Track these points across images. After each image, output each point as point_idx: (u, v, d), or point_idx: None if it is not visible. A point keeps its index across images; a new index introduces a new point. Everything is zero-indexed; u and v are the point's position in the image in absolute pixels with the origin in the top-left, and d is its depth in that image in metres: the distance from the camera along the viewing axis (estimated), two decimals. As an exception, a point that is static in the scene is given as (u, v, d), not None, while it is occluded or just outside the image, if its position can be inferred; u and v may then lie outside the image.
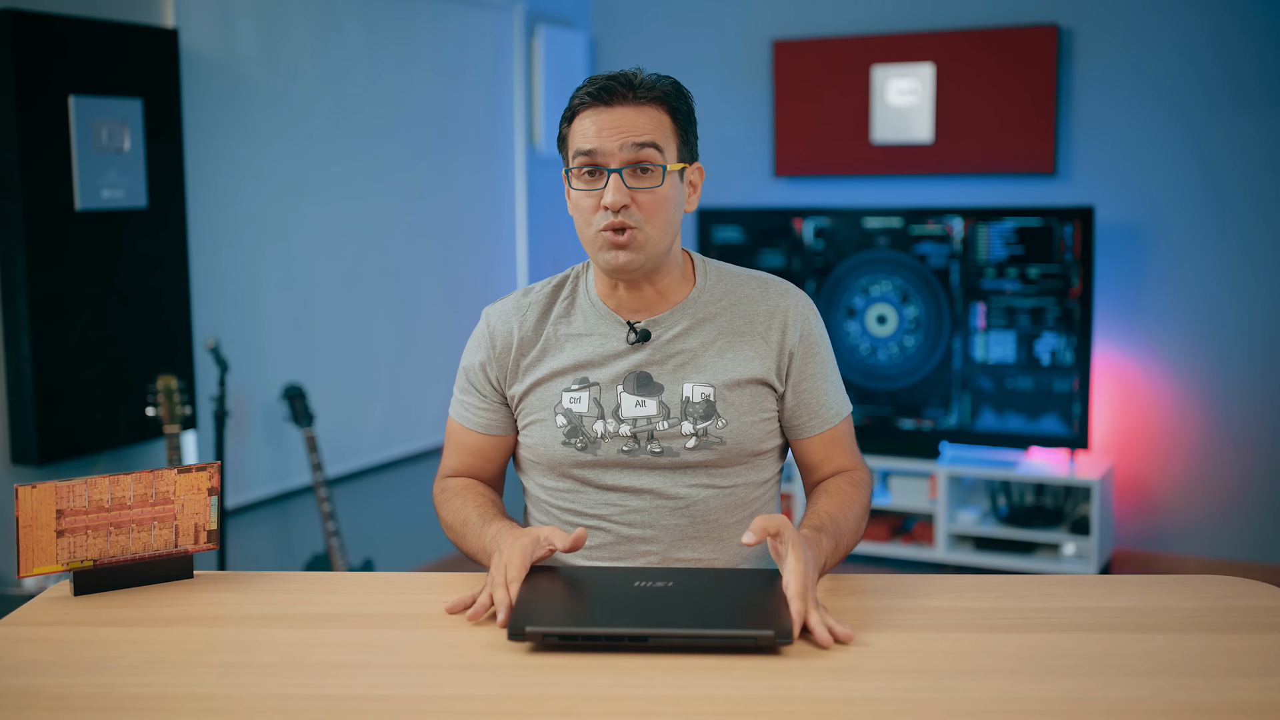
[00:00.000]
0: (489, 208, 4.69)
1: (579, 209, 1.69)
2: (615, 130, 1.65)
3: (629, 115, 1.66)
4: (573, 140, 1.69)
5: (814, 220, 4.70)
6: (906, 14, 4.76)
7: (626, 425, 1.72)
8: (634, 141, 1.65)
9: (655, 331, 1.74)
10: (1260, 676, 1.31)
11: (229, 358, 3.53)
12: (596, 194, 1.67)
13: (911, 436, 4.58)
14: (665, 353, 1.73)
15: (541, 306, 1.79)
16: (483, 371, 1.80)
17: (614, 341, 1.74)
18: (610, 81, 1.68)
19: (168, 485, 1.61)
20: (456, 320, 4.50)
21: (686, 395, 1.72)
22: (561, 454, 1.74)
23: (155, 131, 3.28)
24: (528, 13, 4.80)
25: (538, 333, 1.78)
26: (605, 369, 1.74)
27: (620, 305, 1.75)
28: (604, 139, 1.65)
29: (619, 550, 1.74)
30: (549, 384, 1.75)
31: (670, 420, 1.71)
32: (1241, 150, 4.33)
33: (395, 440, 4.29)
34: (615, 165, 1.65)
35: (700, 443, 1.71)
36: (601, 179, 1.66)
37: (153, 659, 1.38)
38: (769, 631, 1.35)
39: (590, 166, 1.67)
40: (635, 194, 1.66)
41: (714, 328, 1.75)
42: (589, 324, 1.76)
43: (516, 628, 1.37)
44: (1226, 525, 4.47)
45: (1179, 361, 4.47)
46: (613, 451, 1.72)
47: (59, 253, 3.09)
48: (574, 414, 1.73)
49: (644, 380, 1.73)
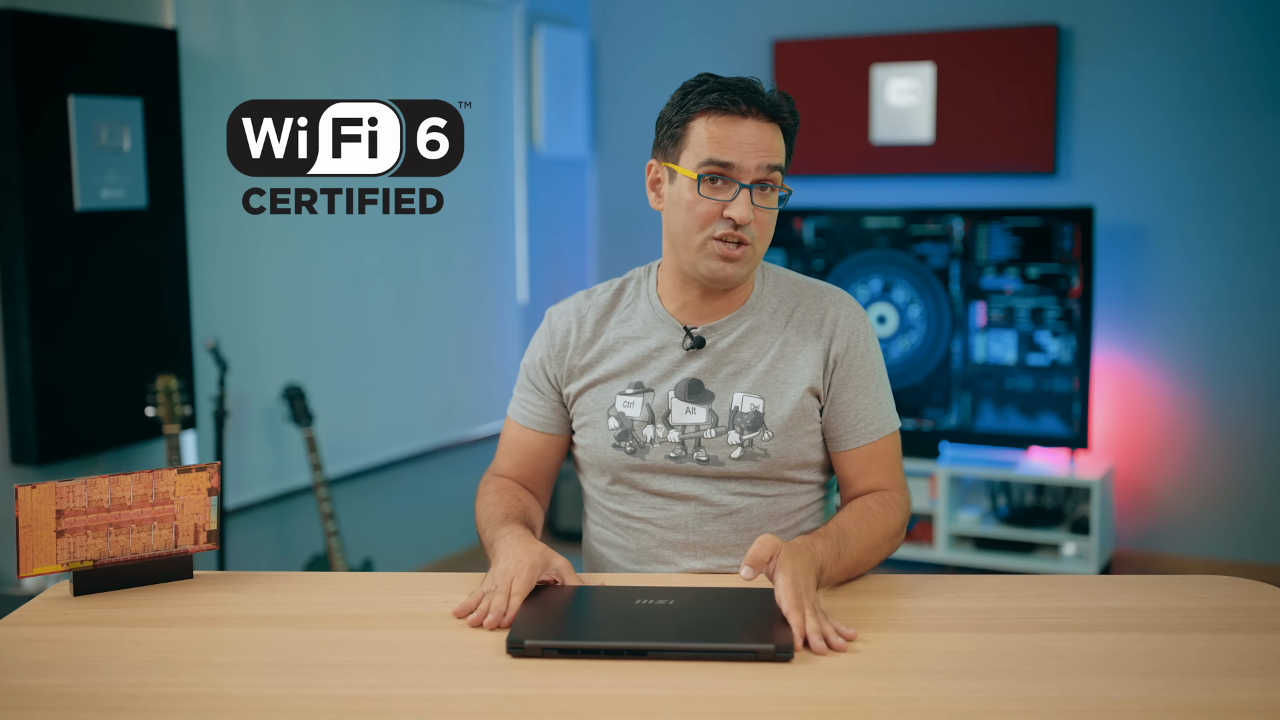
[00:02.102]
0: (489, 208, 4.69)
1: (693, 212, 1.68)
2: (754, 148, 1.66)
3: (763, 133, 1.67)
4: (695, 141, 1.68)
5: (814, 220, 4.70)
6: (906, 14, 4.76)
7: (675, 432, 1.74)
8: (769, 163, 1.67)
9: (711, 338, 1.75)
10: (1260, 676, 1.31)
11: (229, 358, 3.53)
12: (720, 203, 1.66)
13: (911, 436, 4.58)
14: (720, 361, 1.75)
15: (602, 309, 1.81)
16: (541, 369, 1.82)
17: (670, 347, 1.76)
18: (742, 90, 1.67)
19: (167, 485, 1.61)
20: (456, 320, 4.50)
21: (736, 405, 1.73)
22: (612, 456, 1.76)
23: (155, 131, 3.28)
24: (528, 13, 4.80)
25: (596, 334, 1.80)
26: (660, 374, 1.76)
27: (682, 309, 1.77)
28: (743, 155, 1.66)
29: (661, 554, 1.76)
30: (604, 386, 1.78)
31: (718, 429, 1.73)
32: (1241, 150, 4.33)
33: (395, 440, 4.29)
34: (748, 181, 1.66)
35: (745, 453, 1.73)
36: (726, 189, 1.66)
37: (153, 659, 1.38)
38: (769, 646, 1.35)
39: (720, 175, 1.66)
40: (756, 211, 1.67)
41: (768, 338, 1.75)
42: (647, 327, 1.78)
43: (516, 641, 1.37)
44: (1226, 525, 4.47)
45: (1179, 361, 4.47)
46: (660, 457, 1.74)
47: (59, 253, 3.09)
48: (626, 418, 1.76)
49: (695, 387, 1.75)
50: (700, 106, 1.68)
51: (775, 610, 1.45)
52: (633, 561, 1.78)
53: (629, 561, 1.78)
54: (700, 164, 1.67)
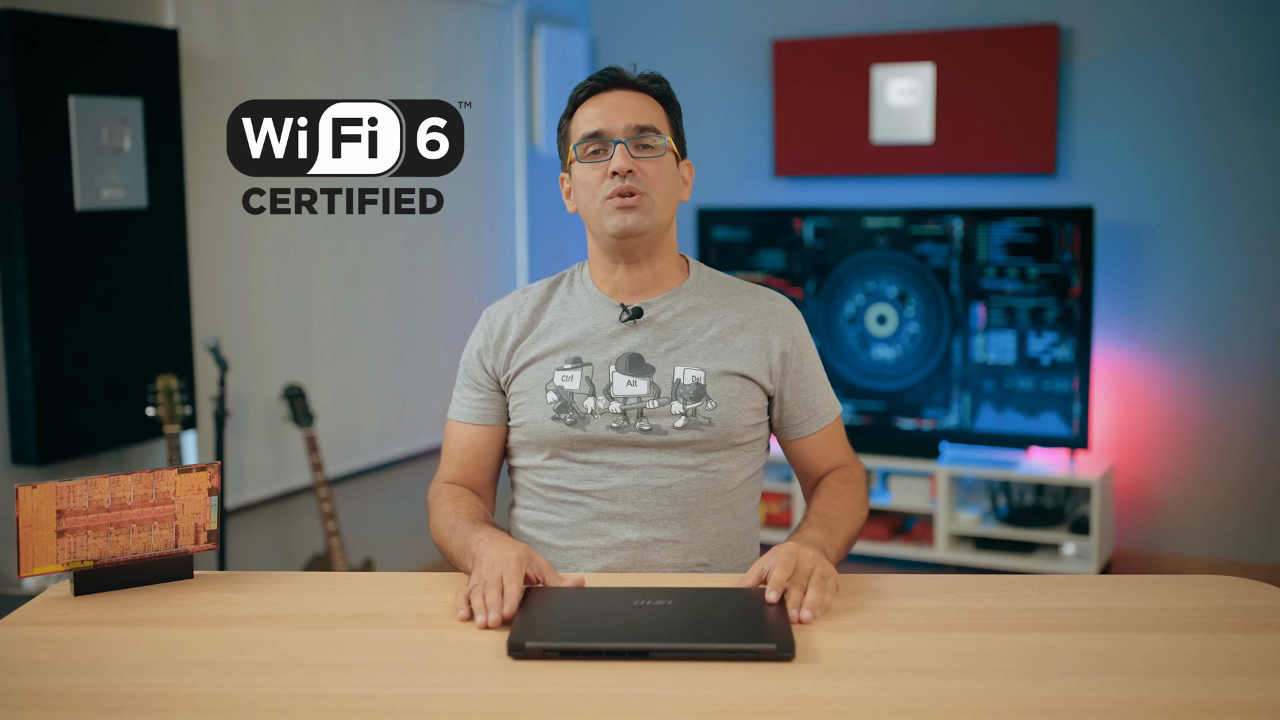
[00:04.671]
0: (489, 207, 4.69)
1: (585, 184, 1.77)
2: (619, 111, 1.77)
3: (630, 99, 1.79)
4: (576, 128, 1.79)
5: (814, 220, 4.70)
6: (906, 14, 4.76)
7: (617, 403, 1.77)
8: (637, 123, 1.77)
9: (648, 312, 1.80)
10: (1260, 676, 1.31)
11: (229, 358, 3.53)
12: (602, 165, 1.76)
13: (911, 436, 4.58)
14: (658, 336, 1.80)
15: (539, 298, 1.86)
16: (478, 360, 1.85)
17: (607, 323, 1.81)
18: (608, 71, 1.80)
19: (168, 485, 1.61)
20: (456, 320, 4.50)
21: (678, 377, 1.78)
22: (551, 429, 1.78)
23: (155, 131, 3.28)
24: (528, 13, 4.80)
25: (534, 320, 1.84)
26: (598, 349, 1.80)
27: (617, 289, 1.82)
28: (609, 120, 1.76)
29: (597, 527, 1.77)
30: (541, 362, 1.81)
31: (660, 400, 1.77)
32: (1241, 150, 4.33)
33: (395, 440, 4.29)
34: (620, 138, 1.75)
35: (689, 422, 1.76)
36: (605, 151, 1.76)
37: (153, 659, 1.38)
38: (770, 646, 1.35)
39: (597, 145, 1.76)
40: (640, 162, 1.76)
41: (706, 318, 1.82)
42: (584, 309, 1.83)
43: (517, 644, 1.37)
44: (1226, 525, 4.47)
45: (1179, 361, 4.47)
46: (601, 428, 1.77)
47: (59, 253, 3.09)
48: (565, 391, 1.78)
49: (636, 361, 1.78)
50: (576, 102, 1.80)
51: (775, 610, 1.45)
52: (565, 538, 1.78)
53: (561, 539, 1.78)
54: (578, 142, 1.78)
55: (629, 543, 1.76)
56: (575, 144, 1.78)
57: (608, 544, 1.76)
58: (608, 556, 1.76)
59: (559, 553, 1.79)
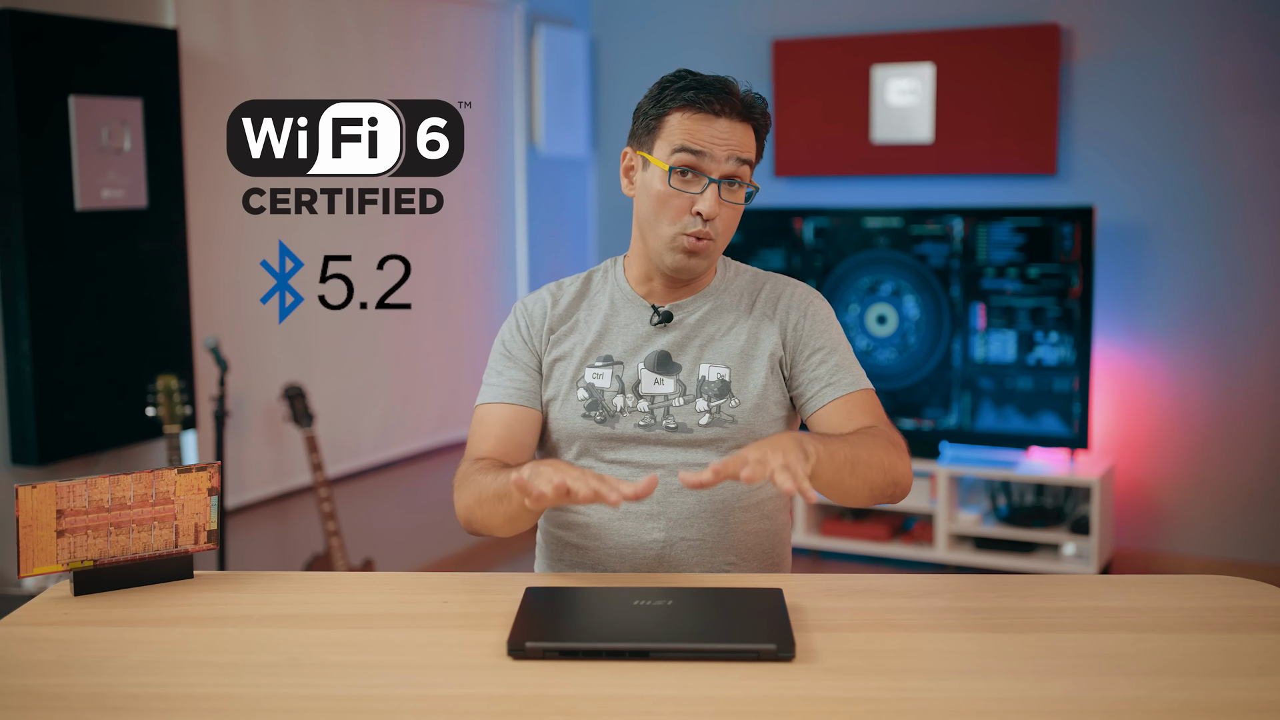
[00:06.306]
0: (489, 207, 4.69)
1: (663, 204, 1.74)
2: (725, 143, 1.72)
3: (735, 130, 1.73)
4: (669, 133, 1.73)
5: (814, 220, 4.70)
6: (906, 14, 4.76)
7: (645, 401, 1.78)
8: (738, 157, 1.73)
9: (678, 315, 1.81)
10: (1260, 676, 1.31)
11: (229, 358, 3.53)
12: (689, 197, 1.72)
13: (911, 436, 4.58)
14: (686, 335, 1.81)
15: (574, 294, 1.86)
16: (519, 337, 1.83)
17: (639, 324, 1.81)
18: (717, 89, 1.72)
19: (168, 485, 1.61)
20: (457, 320, 4.50)
21: (703, 375, 1.78)
22: (581, 426, 1.79)
23: (155, 131, 3.28)
24: (528, 13, 4.80)
25: (569, 314, 1.84)
26: (628, 348, 1.81)
27: (650, 294, 1.83)
28: (712, 145, 1.72)
29: (626, 524, 1.76)
30: (572, 359, 1.81)
31: (686, 397, 1.78)
32: (1241, 150, 4.33)
33: (395, 440, 4.29)
34: (717, 176, 1.72)
35: (713, 420, 1.77)
36: (696, 183, 1.72)
37: (153, 659, 1.38)
38: (770, 646, 1.35)
39: (691, 168, 1.72)
40: (723, 206, 1.73)
41: (731, 316, 1.82)
42: (616, 307, 1.83)
43: (517, 644, 1.37)
44: (1226, 525, 4.47)
45: (1179, 361, 4.47)
46: (630, 426, 1.78)
47: (59, 253, 3.09)
48: (596, 388, 1.79)
49: (663, 360, 1.80)
50: (676, 102, 1.73)
51: (775, 610, 1.45)
52: (591, 538, 1.78)
53: (588, 539, 1.78)
54: (673, 152, 1.72)
55: (655, 542, 1.76)
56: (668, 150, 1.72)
57: (634, 543, 1.76)
58: (635, 556, 1.75)
59: (585, 552, 1.79)
